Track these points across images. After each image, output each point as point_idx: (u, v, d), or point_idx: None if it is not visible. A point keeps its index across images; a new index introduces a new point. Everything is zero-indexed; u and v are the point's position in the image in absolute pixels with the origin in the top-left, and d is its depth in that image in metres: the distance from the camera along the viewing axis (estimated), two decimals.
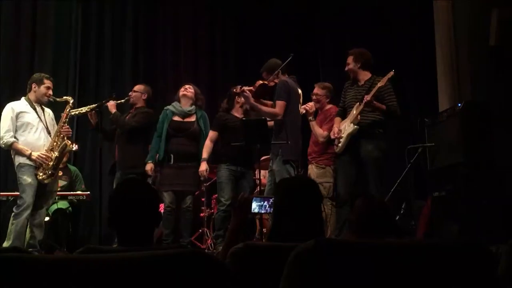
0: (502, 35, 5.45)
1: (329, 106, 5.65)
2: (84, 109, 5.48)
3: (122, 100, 5.77)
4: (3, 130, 5.07)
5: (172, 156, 5.52)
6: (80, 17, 7.23)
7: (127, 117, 5.71)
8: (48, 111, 5.36)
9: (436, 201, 5.15)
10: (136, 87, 5.90)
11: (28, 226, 5.05)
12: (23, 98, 5.25)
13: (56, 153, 5.13)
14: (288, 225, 2.30)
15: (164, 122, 5.60)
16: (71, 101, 5.33)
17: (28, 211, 4.94)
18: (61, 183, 6.11)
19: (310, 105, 5.56)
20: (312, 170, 5.56)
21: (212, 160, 5.69)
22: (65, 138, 5.18)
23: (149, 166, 5.51)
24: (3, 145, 5.11)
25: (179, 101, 5.71)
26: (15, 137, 5.07)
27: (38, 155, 5.03)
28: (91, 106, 5.53)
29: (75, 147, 5.33)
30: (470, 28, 5.78)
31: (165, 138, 5.55)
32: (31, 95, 5.23)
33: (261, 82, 5.22)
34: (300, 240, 1.56)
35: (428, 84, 6.38)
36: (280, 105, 5.02)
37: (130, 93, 5.83)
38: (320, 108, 5.66)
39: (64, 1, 7.21)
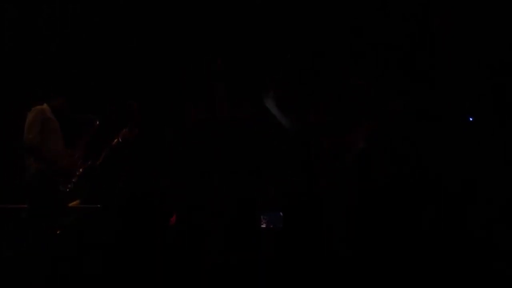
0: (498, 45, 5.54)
1: None
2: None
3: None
4: (33, 133, 4.80)
5: None
6: None
7: None
8: None
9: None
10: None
11: None
12: (45, 104, 4.98)
13: (81, 169, 5.16)
14: None
15: None
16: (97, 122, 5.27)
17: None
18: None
19: None
20: None
21: None
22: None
23: None
24: (29, 147, 4.79)
25: None
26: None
27: (64, 165, 4.96)
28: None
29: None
30: (468, 37, 5.84)
31: None
32: (55, 102, 5.01)
33: None
34: None
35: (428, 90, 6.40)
36: None
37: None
38: None
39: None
